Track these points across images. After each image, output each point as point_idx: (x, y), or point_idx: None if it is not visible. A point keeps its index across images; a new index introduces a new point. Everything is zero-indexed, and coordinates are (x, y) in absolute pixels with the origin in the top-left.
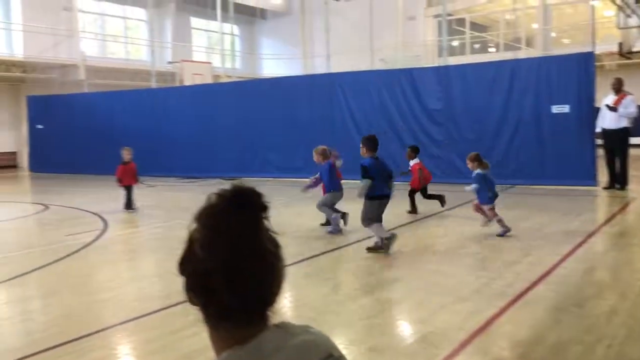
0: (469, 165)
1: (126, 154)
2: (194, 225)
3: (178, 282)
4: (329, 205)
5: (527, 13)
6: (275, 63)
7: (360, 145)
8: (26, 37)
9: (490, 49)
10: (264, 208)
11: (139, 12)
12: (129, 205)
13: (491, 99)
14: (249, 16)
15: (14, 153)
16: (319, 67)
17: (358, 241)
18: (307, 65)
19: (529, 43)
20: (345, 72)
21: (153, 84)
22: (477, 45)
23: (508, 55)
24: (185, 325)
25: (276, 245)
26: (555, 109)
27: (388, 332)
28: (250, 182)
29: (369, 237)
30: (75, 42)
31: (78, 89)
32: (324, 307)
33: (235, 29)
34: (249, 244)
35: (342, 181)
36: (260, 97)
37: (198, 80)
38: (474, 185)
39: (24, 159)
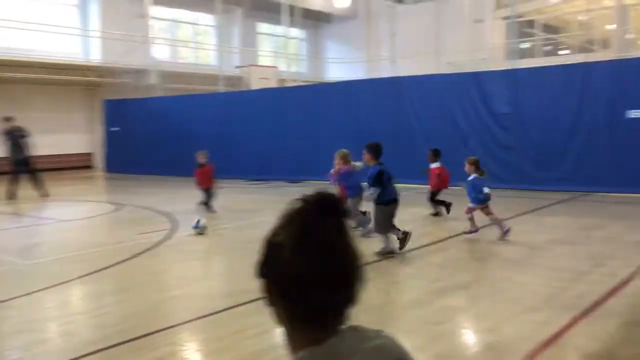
0: (467, 168)
1: (201, 157)
2: (280, 230)
3: (243, 282)
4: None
5: (602, 14)
6: (340, 67)
7: (364, 152)
8: (103, 44)
9: (561, 52)
10: (346, 213)
11: (208, 18)
12: (208, 206)
13: (563, 103)
14: (315, 20)
15: (89, 154)
16: (384, 70)
17: (422, 246)
18: (371, 69)
19: (604, 45)
20: (410, 75)
21: (221, 88)
22: (547, 48)
23: (581, 58)
24: (250, 325)
25: (358, 249)
26: (633, 113)
27: (454, 339)
28: (313, 185)
29: (433, 243)
30: (148, 48)
31: (150, 92)
32: (388, 312)
33: (301, 33)
34: (338, 247)
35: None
36: (324, 101)
37: (264, 85)
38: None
39: (98, 160)
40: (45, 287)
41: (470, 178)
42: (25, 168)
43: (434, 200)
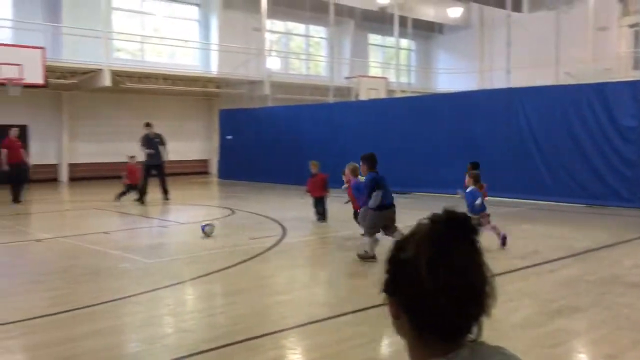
0: (468, 181)
1: (313, 167)
2: (411, 248)
3: (348, 291)
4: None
5: None
6: (451, 77)
7: (361, 164)
8: (221, 56)
9: None
10: (476, 231)
11: (320, 31)
12: (321, 215)
13: None
14: (426, 31)
15: (205, 161)
16: (497, 81)
17: (534, 265)
18: (484, 80)
19: None
20: (527, 87)
21: (331, 99)
22: None
23: None
24: (355, 335)
25: (488, 265)
26: None
27: None
28: (423, 197)
29: (547, 262)
30: (263, 59)
31: (263, 103)
32: (502, 331)
33: (411, 44)
34: (470, 265)
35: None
36: (434, 112)
37: (373, 95)
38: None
39: (213, 167)
40: (165, 285)
41: (469, 190)
42: (158, 172)
43: None
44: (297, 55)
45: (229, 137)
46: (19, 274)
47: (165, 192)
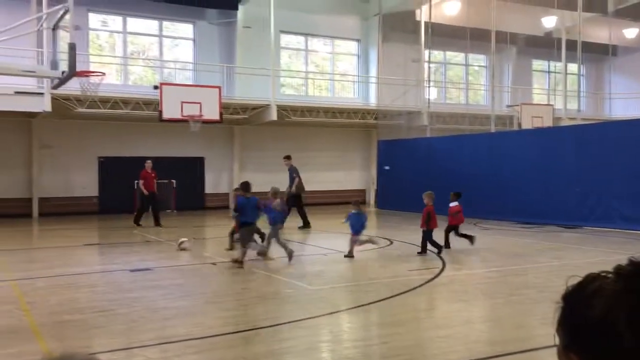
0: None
1: (427, 199)
2: (600, 304)
3: (509, 330)
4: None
5: None
6: (626, 103)
7: (239, 188)
8: (379, 88)
9: None
10: None
11: (480, 58)
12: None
13: None
14: (597, 54)
15: (363, 190)
16: None
17: None
18: None
19: None
20: None
21: (492, 128)
22: None
23: None
24: None
25: None
26: None
27: None
28: (590, 232)
29: None
30: (421, 90)
31: (422, 133)
32: None
33: (580, 68)
34: None
35: None
36: (607, 141)
37: (537, 124)
38: None
39: (371, 196)
40: (328, 312)
41: (352, 213)
42: (296, 202)
43: (458, 234)
44: (455, 85)
45: (387, 167)
46: (198, 294)
47: (303, 220)
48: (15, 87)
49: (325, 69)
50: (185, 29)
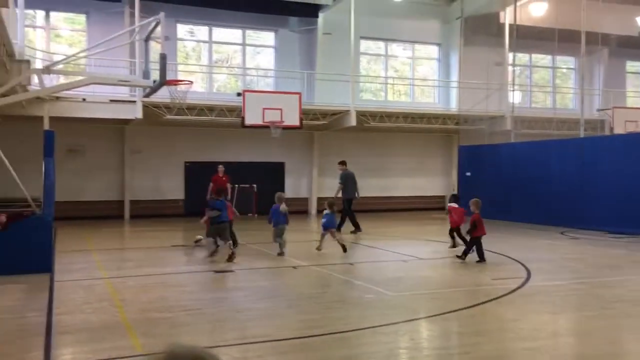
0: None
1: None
2: None
3: (600, 346)
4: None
5: None
6: None
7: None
8: (461, 93)
9: None
10: None
11: (568, 61)
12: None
13: None
14: None
15: (443, 197)
16: None
17: None
18: None
19: None
20: None
21: (581, 133)
22: None
23: None
24: None
25: None
26: None
27: None
28: None
29: None
30: (504, 94)
31: (505, 138)
32: None
33: None
34: None
35: None
36: None
37: (631, 128)
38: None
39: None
40: (408, 319)
41: (326, 213)
42: (346, 207)
43: (459, 235)
44: (542, 88)
45: (468, 173)
46: (279, 296)
47: (354, 225)
48: (110, 96)
49: (405, 73)
50: (267, 37)
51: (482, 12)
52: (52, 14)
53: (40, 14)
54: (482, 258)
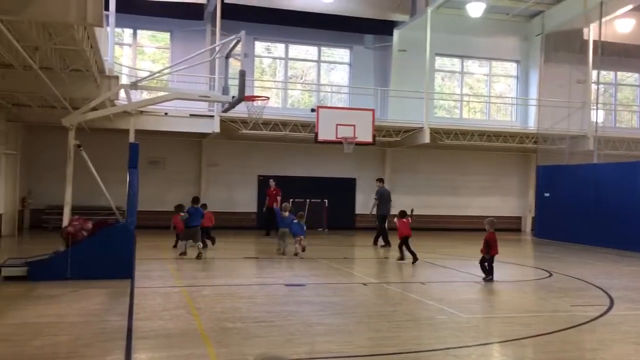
0: (299, 217)
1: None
2: None
3: None
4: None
5: None
6: None
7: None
8: (540, 111)
9: None
10: None
11: None
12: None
13: None
14: None
15: (519, 218)
16: None
17: None
18: None
19: None
20: None
21: None
22: None
23: None
24: None
25: None
26: None
27: None
28: None
29: None
30: (587, 113)
31: (587, 159)
32: None
33: None
34: None
35: None
36: None
37: None
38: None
39: (527, 224)
40: (482, 342)
41: (295, 221)
42: (382, 223)
43: (407, 247)
44: (628, 107)
45: (547, 194)
46: (349, 313)
47: (385, 241)
48: (190, 111)
49: (480, 91)
50: (342, 53)
51: (564, 29)
52: (139, 32)
53: (127, 32)
54: (487, 274)
